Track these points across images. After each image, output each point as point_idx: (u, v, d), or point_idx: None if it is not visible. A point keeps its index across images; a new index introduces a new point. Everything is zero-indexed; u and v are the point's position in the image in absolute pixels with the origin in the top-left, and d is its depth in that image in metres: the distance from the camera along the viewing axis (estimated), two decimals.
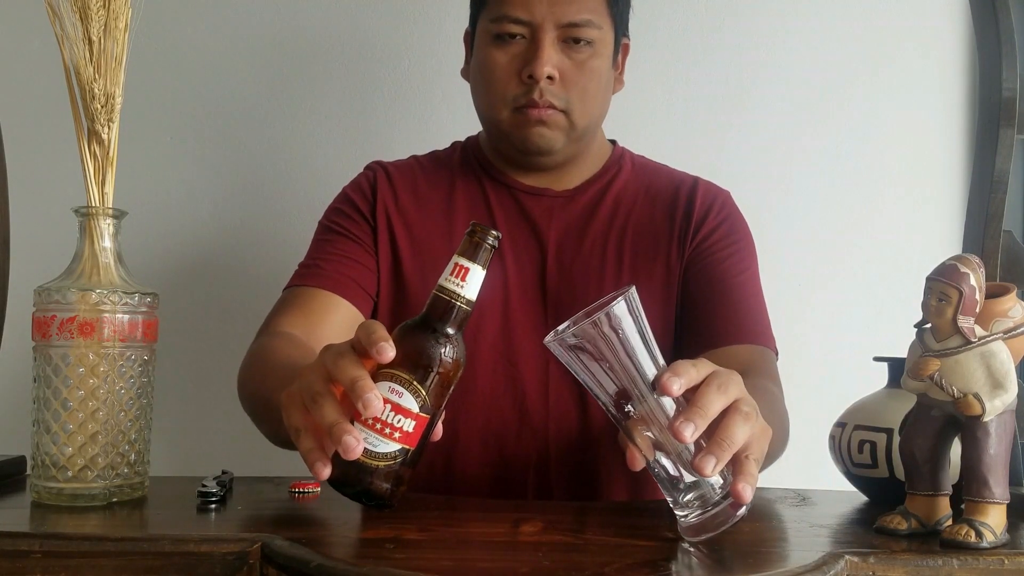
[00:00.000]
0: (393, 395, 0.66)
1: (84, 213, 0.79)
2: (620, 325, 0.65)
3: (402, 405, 0.66)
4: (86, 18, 0.78)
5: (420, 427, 0.67)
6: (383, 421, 0.65)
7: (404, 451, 0.66)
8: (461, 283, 0.68)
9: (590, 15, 0.99)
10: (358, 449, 0.63)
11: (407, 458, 0.67)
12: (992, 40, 0.92)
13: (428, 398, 0.67)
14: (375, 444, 0.65)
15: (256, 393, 0.90)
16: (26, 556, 0.63)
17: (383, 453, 0.66)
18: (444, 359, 0.68)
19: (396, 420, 0.66)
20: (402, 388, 0.66)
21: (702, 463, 0.63)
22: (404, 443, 0.66)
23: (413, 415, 0.66)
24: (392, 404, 0.66)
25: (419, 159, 1.14)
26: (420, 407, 0.66)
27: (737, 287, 1.04)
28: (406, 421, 0.66)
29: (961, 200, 1.43)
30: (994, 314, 0.68)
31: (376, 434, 0.65)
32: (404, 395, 0.66)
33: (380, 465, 0.66)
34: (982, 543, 0.65)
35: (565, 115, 1.01)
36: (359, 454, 0.63)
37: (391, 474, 0.67)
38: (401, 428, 0.66)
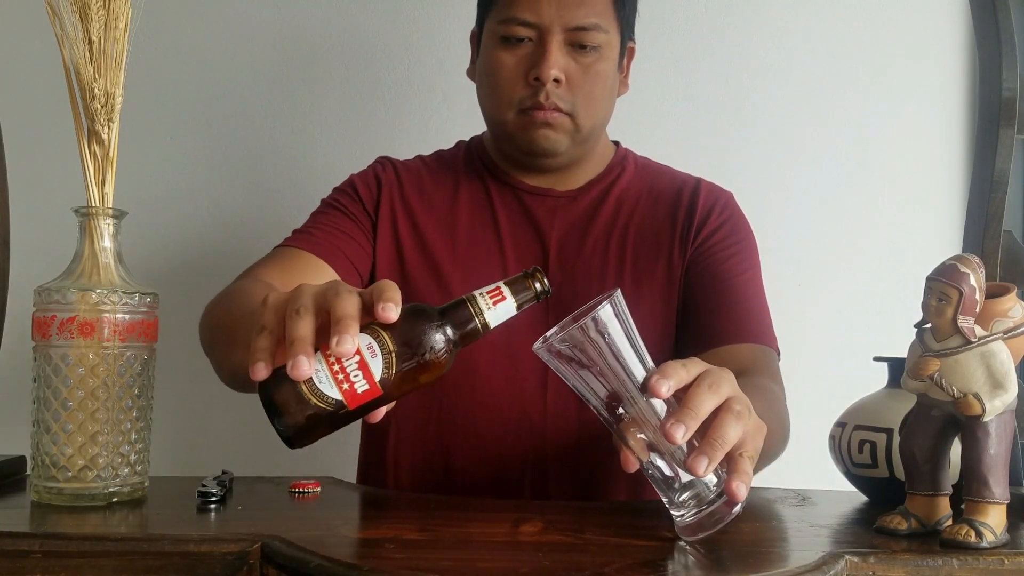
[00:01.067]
0: (367, 352, 0.64)
1: (84, 213, 0.79)
2: (607, 329, 0.65)
3: (368, 365, 0.63)
4: (86, 18, 0.78)
5: (367, 396, 0.64)
6: (342, 367, 0.63)
7: (339, 405, 0.63)
8: (491, 306, 0.67)
9: (597, 19, 0.99)
10: (305, 373, 0.61)
11: (337, 414, 0.64)
12: (992, 40, 0.92)
13: (393, 376, 0.64)
14: (321, 381, 0.63)
15: (221, 320, 0.90)
16: (26, 556, 0.63)
17: (322, 394, 0.63)
18: (432, 355, 0.66)
19: (354, 374, 0.63)
20: (378, 351, 0.64)
21: (694, 463, 0.63)
22: (345, 399, 0.63)
23: (371, 380, 0.63)
24: (361, 358, 0.63)
25: (424, 159, 1.15)
26: (381, 378, 0.64)
27: (739, 287, 1.04)
28: (361, 381, 0.63)
29: (961, 200, 1.43)
30: (994, 314, 0.68)
31: (329, 374, 0.63)
32: (376, 359, 0.64)
33: (312, 402, 0.63)
34: (982, 543, 0.65)
35: (570, 118, 1.01)
36: (302, 378, 0.61)
37: (314, 417, 0.64)
38: (353, 384, 0.63)
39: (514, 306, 0.68)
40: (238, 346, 0.82)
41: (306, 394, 0.63)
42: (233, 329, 0.83)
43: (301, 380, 0.62)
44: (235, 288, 0.95)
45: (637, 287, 1.04)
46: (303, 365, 0.61)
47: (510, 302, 0.67)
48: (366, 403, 0.64)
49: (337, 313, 0.62)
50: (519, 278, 0.68)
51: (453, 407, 1.03)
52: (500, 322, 0.68)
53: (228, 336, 0.86)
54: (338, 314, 0.62)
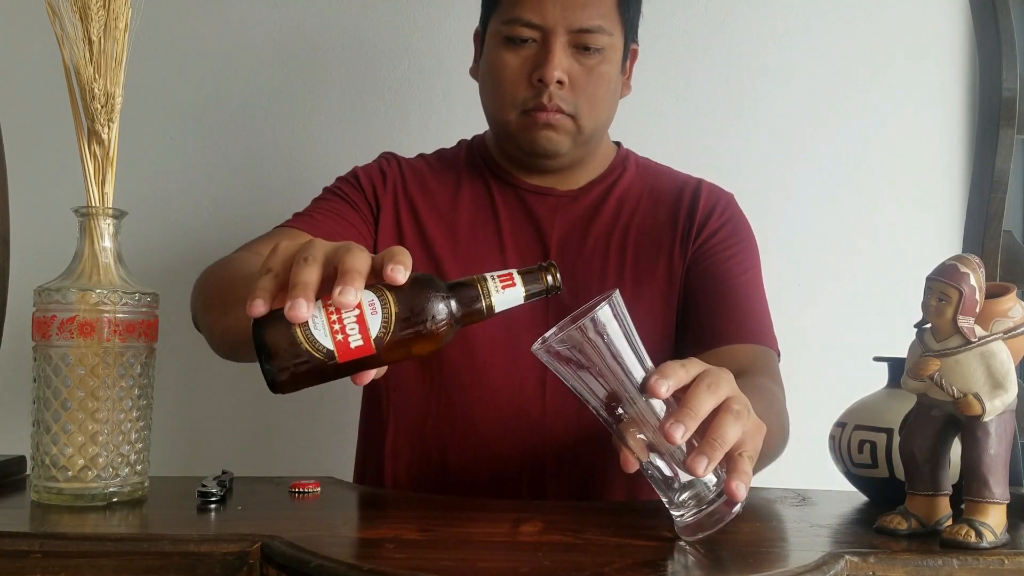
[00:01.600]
0: (368, 308, 0.63)
1: (84, 213, 0.79)
2: (606, 330, 0.65)
3: (367, 321, 0.63)
4: (86, 18, 0.78)
5: (359, 352, 0.63)
6: (340, 318, 0.62)
7: (330, 356, 0.62)
8: (500, 290, 0.66)
9: (601, 21, 0.99)
10: (302, 316, 0.60)
11: (325, 365, 0.62)
12: (992, 40, 0.92)
13: (389, 338, 0.63)
14: (316, 328, 0.62)
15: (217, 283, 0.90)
16: (26, 556, 0.63)
17: (315, 340, 0.62)
18: (432, 324, 0.65)
19: (350, 327, 0.62)
20: (379, 310, 0.63)
21: (694, 463, 0.63)
22: (337, 350, 0.62)
23: (366, 337, 0.62)
24: (360, 313, 0.63)
25: (427, 157, 1.15)
26: (376, 336, 0.63)
27: (739, 287, 1.04)
28: (356, 336, 0.62)
29: (961, 200, 1.43)
30: (994, 314, 0.68)
31: (326, 323, 0.62)
32: (375, 316, 0.63)
33: (303, 347, 0.62)
34: (982, 543, 0.65)
35: (572, 119, 1.01)
36: (299, 321, 0.61)
37: (303, 364, 0.62)
38: (348, 336, 0.62)
39: (522, 295, 0.67)
40: (234, 307, 0.82)
41: (299, 338, 0.62)
42: (230, 291, 0.83)
43: (297, 323, 0.61)
44: (233, 257, 0.95)
45: (637, 287, 1.04)
46: (301, 307, 0.60)
47: (519, 290, 0.67)
48: (356, 360, 0.63)
49: (345, 266, 0.62)
50: (533, 269, 0.67)
51: (452, 405, 1.04)
52: (505, 308, 0.67)
53: (224, 298, 0.86)
54: (346, 266, 0.62)
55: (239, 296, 0.72)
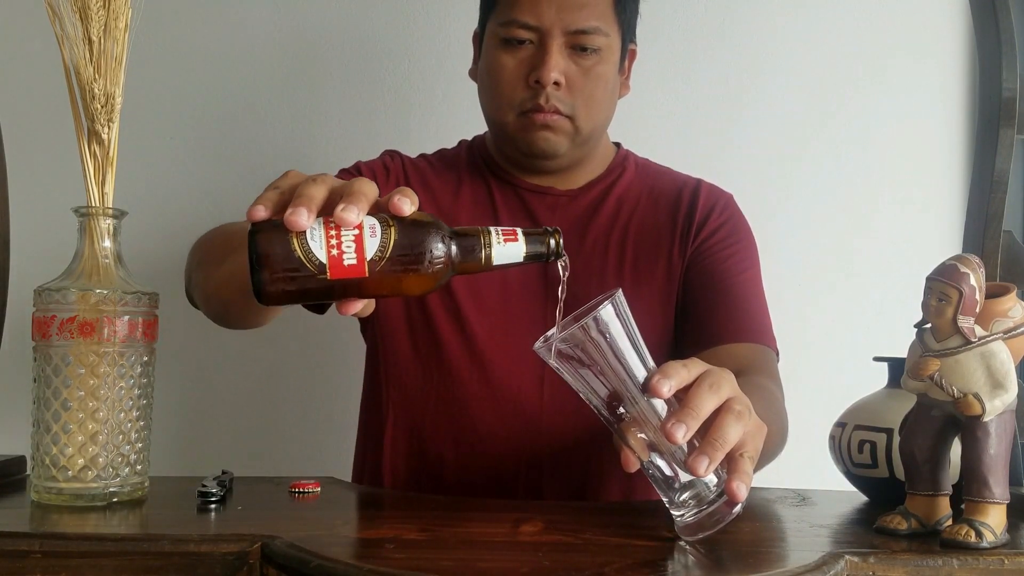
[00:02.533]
0: (368, 230, 0.62)
1: (84, 213, 0.79)
2: (608, 329, 0.65)
3: (364, 242, 0.62)
4: (86, 18, 0.78)
5: (350, 272, 0.62)
6: (338, 234, 0.61)
7: (321, 269, 0.61)
8: (501, 243, 0.66)
9: (598, 22, 0.99)
10: (301, 224, 0.60)
11: (315, 279, 0.61)
12: (992, 40, 0.92)
13: (383, 265, 0.62)
14: (312, 239, 0.61)
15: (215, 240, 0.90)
16: (26, 556, 0.63)
17: (309, 251, 0.61)
18: (427, 259, 0.64)
19: (346, 244, 0.61)
20: (379, 234, 0.62)
21: (695, 463, 0.63)
22: (329, 265, 0.61)
23: (361, 257, 0.62)
24: (359, 234, 0.62)
25: (428, 157, 1.15)
26: (371, 259, 0.62)
27: (738, 286, 1.04)
28: (351, 254, 0.61)
29: (961, 200, 1.43)
30: (994, 314, 0.68)
31: (323, 236, 0.61)
32: (374, 239, 0.62)
33: (296, 255, 0.61)
34: (982, 543, 0.65)
35: (570, 120, 1.01)
36: (297, 229, 0.60)
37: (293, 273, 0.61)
38: (343, 253, 0.61)
39: (523, 252, 0.66)
40: (230, 256, 0.82)
41: (294, 247, 0.61)
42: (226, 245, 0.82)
43: (295, 230, 0.60)
44: (230, 223, 0.96)
45: (636, 287, 1.04)
46: (302, 215, 0.60)
47: (520, 247, 0.66)
48: (346, 280, 0.62)
49: (352, 188, 0.62)
50: (538, 231, 0.67)
51: (450, 402, 1.04)
52: (504, 263, 0.66)
53: (220, 252, 0.86)
54: (352, 189, 0.62)
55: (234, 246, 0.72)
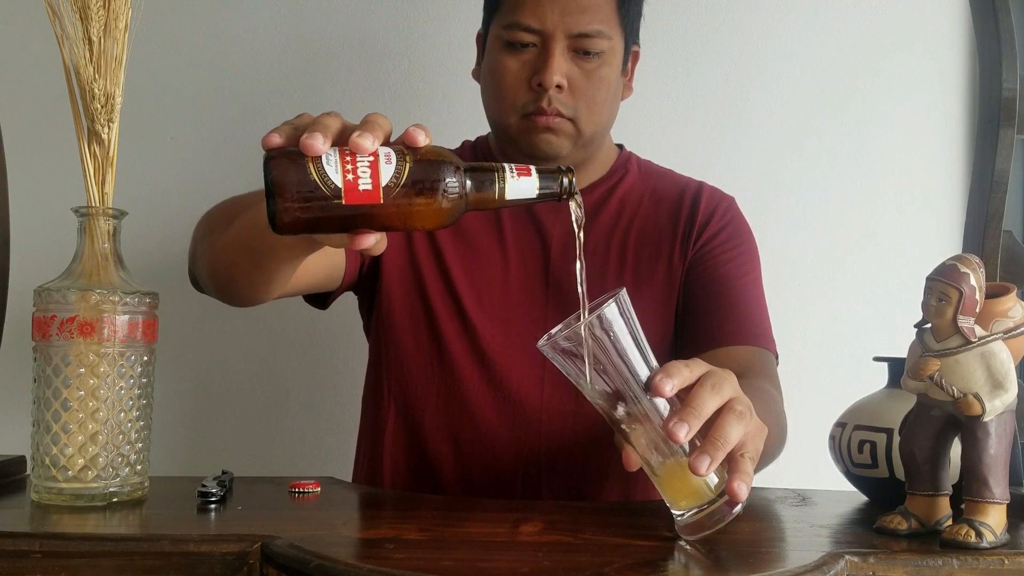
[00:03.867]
0: (383, 157, 0.62)
1: (84, 213, 0.79)
2: (611, 327, 0.65)
3: (379, 168, 0.62)
4: (86, 18, 0.78)
5: (365, 197, 0.61)
6: (354, 159, 0.61)
7: (336, 193, 0.61)
8: (515, 177, 0.65)
9: (601, 26, 0.99)
10: (317, 148, 0.60)
11: (330, 204, 0.61)
12: (992, 40, 0.92)
13: (397, 192, 0.62)
14: (328, 163, 0.61)
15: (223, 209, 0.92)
16: (26, 556, 0.63)
17: (325, 174, 0.61)
18: (441, 189, 0.63)
19: (361, 169, 0.61)
20: (394, 162, 0.62)
21: (696, 463, 0.63)
22: (345, 189, 0.61)
23: (376, 183, 0.61)
24: (375, 160, 0.62)
25: None
26: (386, 185, 0.62)
27: (738, 289, 1.04)
28: (366, 179, 0.61)
29: (961, 200, 1.43)
30: (994, 314, 0.68)
31: (339, 161, 0.61)
32: (389, 166, 0.62)
33: (312, 178, 0.60)
34: (982, 543, 0.65)
35: (572, 123, 1.01)
36: (314, 153, 0.60)
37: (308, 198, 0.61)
38: (358, 179, 0.61)
39: (536, 187, 0.66)
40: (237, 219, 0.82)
41: (310, 170, 0.61)
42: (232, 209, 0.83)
43: (311, 154, 0.60)
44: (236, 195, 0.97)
45: (637, 288, 1.04)
46: (318, 139, 0.60)
47: (532, 181, 0.66)
48: (361, 206, 0.62)
49: (368, 119, 0.62)
50: (551, 168, 0.67)
51: (451, 396, 1.04)
52: (516, 197, 0.66)
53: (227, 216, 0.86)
54: (367, 119, 0.62)
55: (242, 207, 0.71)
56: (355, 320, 1.16)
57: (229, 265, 0.88)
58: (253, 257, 0.83)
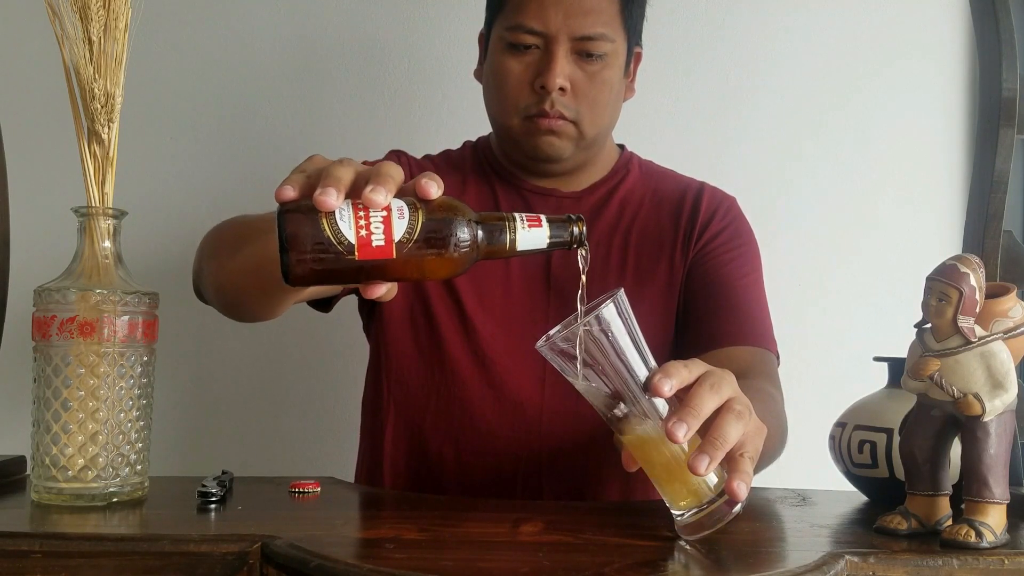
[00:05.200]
0: (396, 212, 0.62)
1: (84, 213, 0.79)
2: (610, 328, 0.65)
3: (392, 223, 0.62)
4: (86, 18, 0.78)
5: (378, 253, 0.62)
6: (367, 215, 0.61)
7: (350, 249, 0.61)
8: (526, 228, 0.66)
9: (604, 28, 0.99)
10: (331, 204, 0.60)
11: (342, 259, 0.61)
12: (992, 40, 0.92)
13: (410, 247, 0.62)
14: (342, 219, 0.61)
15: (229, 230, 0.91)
16: (26, 556, 0.63)
17: (338, 230, 0.61)
18: (453, 242, 0.64)
19: (375, 225, 0.61)
20: (407, 216, 0.62)
21: (695, 462, 0.63)
22: (358, 245, 0.61)
23: (389, 239, 0.62)
24: (388, 215, 0.62)
25: (432, 158, 1.15)
26: (399, 241, 0.62)
27: (739, 290, 1.04)
28: (379, 235, 0.61)
29: (961, 200, 1.43)
30: (994, 314, 0.68)
31: (352, 216, 0.61)
32: (402, 221, 0.62)
33: (325, 234, 0.61)
34: (982, 543, 0.65)
35: (574, 125, 1.02)
36: (327, 209, 0.60)
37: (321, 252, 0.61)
38: (372, 234, 0.61)
39: (546, 239, 0.66)
40: (246, 245, 0.82)
41: (324, 227, 0.61)
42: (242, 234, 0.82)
43: (324, 210, 0.60)
44: (241, 216, 0.96)
45: (638, 288, 1.04)
46: (331, 195, 0.60)
47: (543, 232, 0.66)
48: (374, 261, 0.62)
49: (380, 171, 0.62)
50: (561, 218, 0.67)
51: (451, 400, 1.04)
52: (527, 248, 0.66)
53: (235, 241, 0.85)
54: (381, 172, 0.62)
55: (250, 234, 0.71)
56: (355, 320, 1.16)
57: (238, 290, 0.88)
58: (262, 285, 0.82)
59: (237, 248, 0.85)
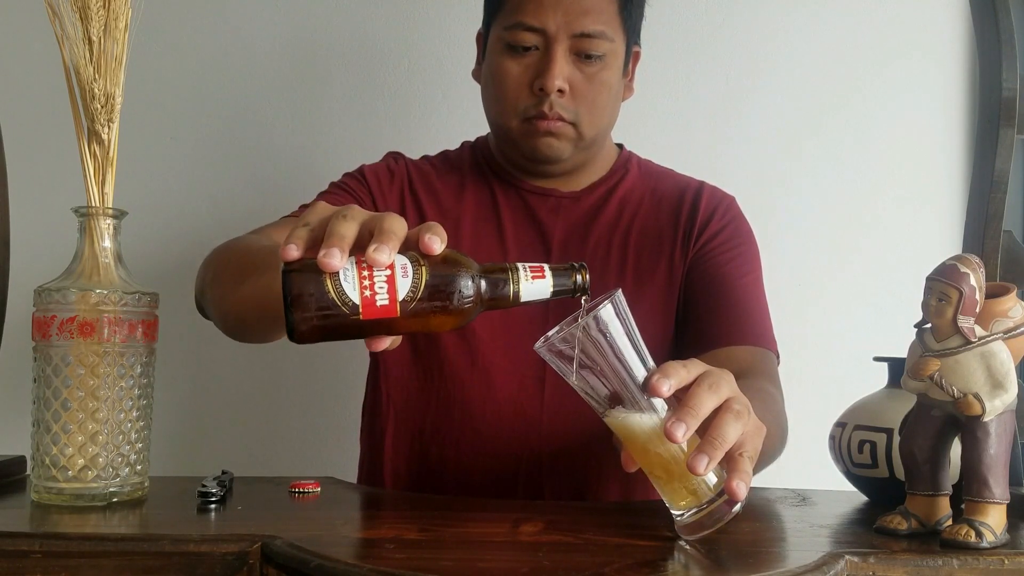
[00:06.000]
0: (400, 270, 0.62)
1: (84, 213, 0.79)
2: (608, 328, 0.65)
3: (396, 283, 0.62)
4: (86, 18, 0.78)
5: (383, 312, 0.62)
6: (371, 275, 0.62)
7: (354, 310, 0.61)
8: (529, 279, 0.66)
9: (603, 27, 0.99)
10: (335, 265, 0.60)
11: (347, 319, 0.62)
12: (992, 40, 0.92)
13: (414, 305, 0.63)
14: (346, 280, 0.61)
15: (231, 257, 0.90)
16: (26, 556, 0.63)
17: (342, 292, 0.61)
18: (458, 298, 0.64)
19: (379, 285, 0.62)
20: (410, 274, 0.62)
21: (694, 462, 0.63)
22: (362, 306, 0.61)
23: (393, 298, 0.62)
24: (391, 274, 0.62)
25: (431, 159, 1.15)
26: (403, 300, 0.62)
27: (739, 289, 1.04)
28: (383, 295, 0.62)
29: (961, 200, 1.43)
30: (994, 314, 0.68)
31: (356, 277, 0.61)
32: (406, 280, 0.62)
33: (330, 296, 0.61)
34: (982, 543, 0.65)
35: (573, 127, 1.02)
36: (331, 270, 0.60)
37: (326, 314, 0.61)
38: (376, 294, 0.62)
39: (550, 289, 0.66)
40: (248, 278, 0.82)
41: (328, 288, 0.61)
42: (244, 264, 0.82)
43: (328, 271, 0.61)
44: (244, 236, 0.96)
45: (638, 288, 1.04)
46: (335, 256, 0.60)
47: (547, 283, 0.66)
48: (379, 320, 0.62)
49: (383, 226, 0.62)
50: (565, 267, 0.67)
51: (451, 402, 1.04)
52: (531, 299, 0.66)
53: (237, 271, 0.85)
54: (384, 228, 0.62)
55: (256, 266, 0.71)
56: None
57: (241, 320, 0.87)
58: (266, 317, 0.82)
59: (241, 279, 0.85)
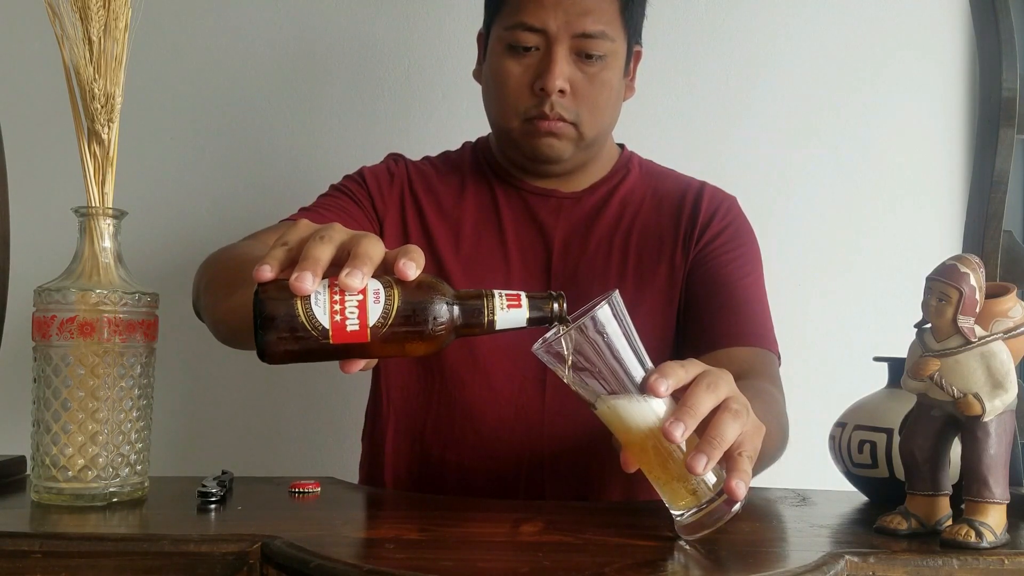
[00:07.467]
0: (372, 296, 0.62)
1: (84, 213, 0.79)
2: (605, 329, 0.65)
3: (367, 308, 0.62)
4: (86, 18, 0.78)
5: (353, 337, 0.62)
6: (342, 299, 0.61)
7: (324, 335, 0.61)
8: (505, 308, 0.66)
9: (604, 27, 0.99)
10: (306, 289, 0.60)
11: (317, 343, 0.61)
12: (992, 40, 0.92)
13: (385, 330, 0.62)
14: (317, 304, 0.61)
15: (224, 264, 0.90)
16: (26, 556, 0.63)
17: (313, 316, 0.61)
18: (430, 326, 0.64)
19: (349, 310, 0.61)
20: (382, 300, 0.62)
21: (693, 462, 0.63)
22: (332, 331, 0.61)
23: (363, 324, 0.62)
24: (363, 299, 0.62)
25: (432, 160, 1.15)
26: (373, 326, 0.62)
27: (740, 290, 1.04)
28: (354, 320, 0.61)
29: (961, 200, 1.43)
30: (994, 314, 0.68)
31: (327, 301, 0.61)
32: (377, 305, 0.62)
33: (300, 320, 0.61)
34: (982, 543, 0.65)
35: (574, 127, 1.01)
36: (302, 293, 0.60)
37: (295, 336, 0.61)
38: (345, 319, 0.61)
39: (525, 318, 0.66)
40: (238, 288, 0.81)
41: (298, 311, 0.61)
42: (235, 273, 0.83)
43: (300, 294, 0.61)
44: (239, 243, 0.96)
45: (639, 289, 1.04)
46: (307, 280, 0.60)
47: (522, 313, 0.66)
48: (349, 344, 0.62)
49: (358, 250, 0.62)
50: (542, 296, 0.67)
51: (452, 403, 1.04)
52: (505, 327, 0.66)
53: (228, 280, 0.85)
54: (359, 251, 0.62)
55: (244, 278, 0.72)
56: None
57: (232, 329, 0.87)
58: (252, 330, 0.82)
59: (230, 290, 0.85)
